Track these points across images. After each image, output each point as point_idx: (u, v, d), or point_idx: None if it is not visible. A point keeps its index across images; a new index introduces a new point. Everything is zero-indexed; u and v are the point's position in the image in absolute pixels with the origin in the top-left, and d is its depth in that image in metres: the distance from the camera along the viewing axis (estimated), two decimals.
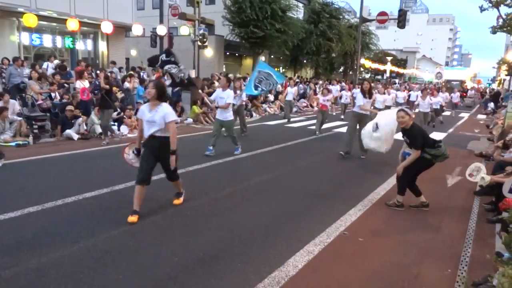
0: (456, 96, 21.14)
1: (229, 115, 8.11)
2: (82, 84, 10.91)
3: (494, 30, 17.87)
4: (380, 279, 3.43)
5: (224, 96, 8.00)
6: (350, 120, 8.93)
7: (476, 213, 5.29)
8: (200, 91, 12.15)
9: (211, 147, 7.91)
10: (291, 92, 15.15)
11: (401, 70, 57.12)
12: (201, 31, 15.81)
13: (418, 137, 4.94)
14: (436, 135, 12.75)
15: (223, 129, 8.31)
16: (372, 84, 12.43)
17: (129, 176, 6.09)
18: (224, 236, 4.13)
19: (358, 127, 8.38)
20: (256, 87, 9.15)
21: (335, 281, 3.36)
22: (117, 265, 3.40)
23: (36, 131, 9.13)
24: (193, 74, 15.71)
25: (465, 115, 21.63)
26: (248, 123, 13.98)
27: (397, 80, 49.07)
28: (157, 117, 4.45)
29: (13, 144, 8.28)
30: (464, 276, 3.48)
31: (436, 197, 5.92)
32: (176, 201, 5.03)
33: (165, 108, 4.52)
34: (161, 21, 19.91)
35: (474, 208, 5.48)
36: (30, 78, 10.43)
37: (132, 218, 4.34)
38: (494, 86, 56.34)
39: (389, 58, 47.80)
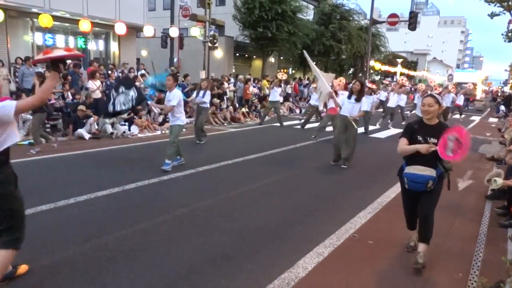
0: (460, 99, 19.78)
1: (178, 120, 6.89)
2: (94, 84, 11.05)
3: (508, 38, 17.55)
4: (390, 282, 3.42)
5: (170, 97, 6.83)
6: (337, 126, 8.01)
7: (488, 217, 5.24)
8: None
9: (178, 156, 7.07)
10: (276, 91, 13.63)
11: (411, 73, 56.68)
12: (212, 32, 15.88)
13: None
14: None
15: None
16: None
17: (139, 176, 6.17)
18: (234, 237, 4.15)
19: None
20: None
21: (345, 284, 3.35)
22: (128, 264, 3.44)
23: (48, 130, 9.25)
24: (203, 75, 15.77)
25: (476, 118, 21.40)
26: (256, 124, 14.03)
27: (407, 83, 48.63)
28: None
29: (25, 142, 8.40)
30: (476, 281, 3.45)
31: (447, 201, 5.86)
32: None
33: None
34: (172, 22, 20.07)
35: (486, 212, 5.43)
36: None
37: None
38: (506, 89, 55.57)
39: (399, 60, 47.44)
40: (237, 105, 15.12)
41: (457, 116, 19.67)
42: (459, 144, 3.34)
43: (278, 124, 13.32)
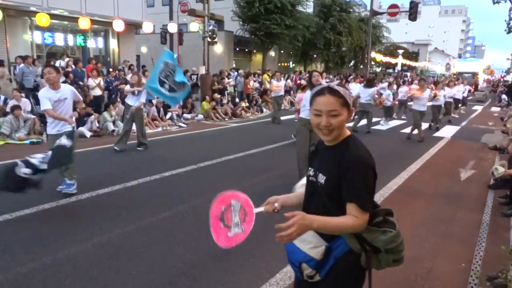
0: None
1: (67, 127, 5.06)
2: (94, 82, 11.04)
3: (510, 30, 17.39)
4: (393, 273, 3.41)
5: (61, 96, 5.02)
6: (298, 132, 6.13)
7: (490, 206, 5.22)
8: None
9: (69, 180, 5.10)
10: (278, 85, 13.26)
11: (412, 63, 56.41)
12: (211, 27, 15.80)
13: (363, 175, 1.66)
14: (448, 129, 12.59)
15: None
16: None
17: (141, 173, 6.17)
18: None
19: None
20: (161, 83, 6.93)
21: None
22: (130, 261, 3.44)
23: None
24: (203, 70, 15.73)
25: (478, 108, 21.30)
26: (258, 119, 14.01)
27: (408, 74, 48.45)
28: None
29: (27, 142, 8.42)
30: (478, 271, 3.45)
31: (449, 191, 5.86)
32: None
33: None
34: (170, 18, 20.00)
35: (488, 202, 5.41)
36: (42, 76, 10.57)
37: None
38: (509, 78, 55.21)
39: (400, 51, 47.18)
40: (237, 100, 15.09)
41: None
42: (245, 214, 1.99)
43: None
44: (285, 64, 33.35)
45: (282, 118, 13.55)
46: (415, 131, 10.07)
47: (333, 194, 1.66)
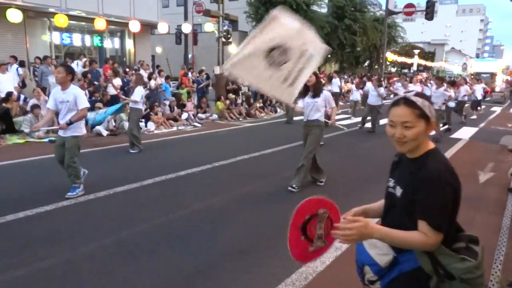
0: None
1: (72, 129, 4.96)
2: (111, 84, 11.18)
3: None
4: None
5: (64, 98, 4.91)
6: (302, 135, 5.97)
7: (511, 210, 5.11)
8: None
9: (74, 184, 5.03)
10: None
11: (428, 63, 55.67)
12: (225, 28, 15.87)
13: (439, 192, 1.53)
14: (466, 130, 12.38)
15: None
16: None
17: (157, 172, 6.23)
18: (251, 232, 4.16)
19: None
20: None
21: None
22: (148, 258, 3.48)
23: None
24: (218, 70, 15.80)
25: (497, 109, 20.89)
26: (272, 119, 14.00)
27: (424, 74, 47.78)
28: None
29: (46, 140, 8.58)
30: (498, 276, 3.38)
31: (468, 194, 5.75)
32: None
33: None
34: (185, 18, 20.16)
35: (508, 205, 5.30)
36: None
37: None
38: None
39: (416, 51, 46.63)
40: (252, 100, 15.10)
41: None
42: (330, 226, 1.77)
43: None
44: None
45: (295, 118, 13.50)
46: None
47: (409, 209, 1.60)
